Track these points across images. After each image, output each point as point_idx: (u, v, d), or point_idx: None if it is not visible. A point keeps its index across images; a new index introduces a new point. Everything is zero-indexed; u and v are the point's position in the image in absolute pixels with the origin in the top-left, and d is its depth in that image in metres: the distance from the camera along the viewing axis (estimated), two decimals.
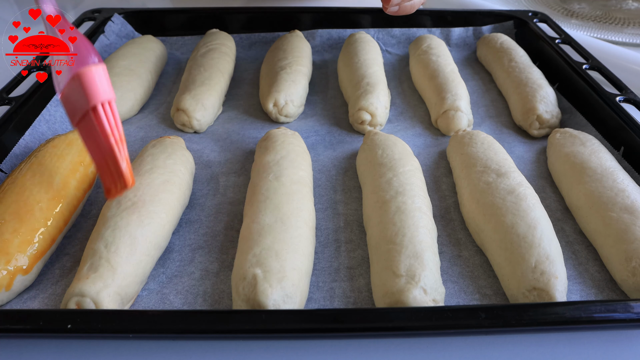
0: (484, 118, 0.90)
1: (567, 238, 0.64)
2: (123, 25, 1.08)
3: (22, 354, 0.50)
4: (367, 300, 0.56)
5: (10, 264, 0.53)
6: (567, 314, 0.47)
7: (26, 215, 0.56)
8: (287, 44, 1.00)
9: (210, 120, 0.86)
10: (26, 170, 0.61)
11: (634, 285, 0.55)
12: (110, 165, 0.49)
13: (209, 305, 0.55)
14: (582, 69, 0.89)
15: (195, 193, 0.71)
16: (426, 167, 0.77)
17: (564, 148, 0.73)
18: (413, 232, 0.56)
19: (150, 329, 0.46)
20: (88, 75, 0.47)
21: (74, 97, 0.48)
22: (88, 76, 0.47)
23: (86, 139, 0.50)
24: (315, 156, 0.79)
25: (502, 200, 0.61)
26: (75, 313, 0.47)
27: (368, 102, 0.83)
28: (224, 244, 0.63)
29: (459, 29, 1.14)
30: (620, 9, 1.33)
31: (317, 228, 0.65)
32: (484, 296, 0.57)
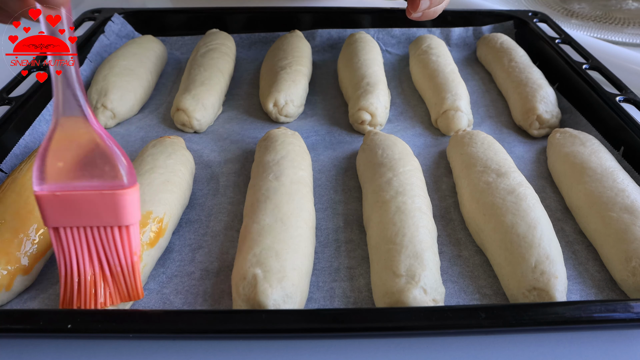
0: (484, 118, 0.90)
1: (567, 238, 0.64)
2: (123, 25, 1.08)
3: (22, 354, 0.50)
4: (367, 300, 0.56)
5: (10, 264, 0.53)
6: (567, 313, 0.47)
7: (26, 215, 0.56)
8: (287, 44, 1.00)
9: (210, 120, 0.86)
10: (26, 170, 0.61)
11: (634, 285, 0.55)
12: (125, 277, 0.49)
13: (209, 305, 0.55)
14: (582, 69, 0.89)
15: (195, 193, 0.71)
16: (426, 167, 0.77)
17: (564, 148, 0.73)
18: (413, 232, 0.56)
19: (150, 329, 0.46)
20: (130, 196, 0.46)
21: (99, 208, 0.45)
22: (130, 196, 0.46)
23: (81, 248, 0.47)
24: (315, 156, 0.79)
25: (502, 200, 0.61)
26: (75, 313, 0.47)
27: (368, 102, 0.83)
28: (224, 244, 0.63)
29: (459, 29, 1.14)
30: (620, 9, 1.33)
31: (317, 228, 0.65)
32: (484, 296, 0.57)
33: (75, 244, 0.47)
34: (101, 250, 0.47)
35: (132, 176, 0.46)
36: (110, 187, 0.45)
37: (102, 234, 0.47)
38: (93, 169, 0.46)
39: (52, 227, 0.46)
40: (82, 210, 0.45)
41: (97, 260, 0.48)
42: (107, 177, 0.45)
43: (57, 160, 0.45)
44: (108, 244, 0.47)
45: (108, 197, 0.45)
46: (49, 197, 0.45)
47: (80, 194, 0.45)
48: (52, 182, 0.45)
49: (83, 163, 0.46)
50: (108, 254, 0.48)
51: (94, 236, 0.47)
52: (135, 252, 0.48)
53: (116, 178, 0.46)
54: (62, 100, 0.46)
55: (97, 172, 0.45)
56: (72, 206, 0.45)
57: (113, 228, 0.47)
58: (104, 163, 0.45)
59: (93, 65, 0.95)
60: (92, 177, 0.45)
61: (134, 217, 0.47)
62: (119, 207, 0.46)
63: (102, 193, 0.45)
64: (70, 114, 0.45)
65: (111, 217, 0.46)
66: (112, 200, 0.45)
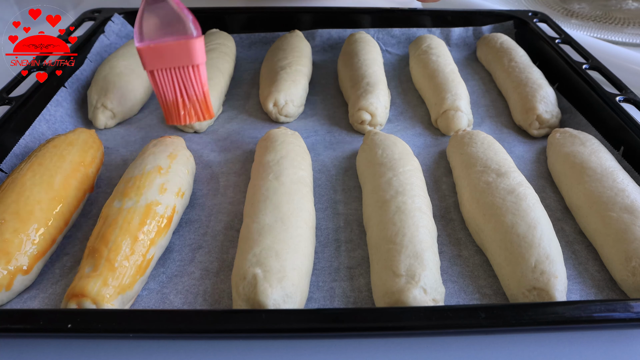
0: (484, 118, 0.90)
1: (567, 238, 0.64)
2: (123, 25, 1.08)
3: (22, 354, 0.50)
4: (367, 300, 0.56)
5: (10, 264, 0.53)
6: (567, 313, 0.47)
7: (26, 215, 0.56)
8: (287, 44, 1.00)
9: (211, 120, 0.86)
10: (26, 170, 0.61)
11: (634, 285, 0.55)
12: (200, 102, 0.68)
13: (209, 305, 0.55)
14: (582, 68, 0.89)
15: (195, 193, 0.71)
16: (426, 167, 0.77)
17: (564, 148, 0.73)
18: (413, 232, 0.56)
19: (150, 329, 0.46)
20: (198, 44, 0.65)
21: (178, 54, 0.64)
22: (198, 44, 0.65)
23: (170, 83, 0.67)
24: (315, 156, 0.79)
25: (502, 200, 0.61)
26: (75, 313, 0.47)
27: (368, 102, 0.83)
28: (224, 244, 0.63)
29: (459, 29, 1.14)
30: (620, 9, 1.33)
31: (317, 228, 0.65)
32: (483, 296, 0.57)
33: (166, 80, 0.66)
34: (182, 83, 0.66)
35: (199, 30, 0.65)
36: (185, 38, 0.64)
37: (184, 71, 0.66)
38: (172, 27, 0.65)
39: (149, 71, 0.66)
40: (168, 56, 0.64)
41: (180, 90, 0.67)
42: (182, 32, 0.65)
43: (147, 24, 0.65)
44: (188, 78, 0.66)
45: (184, 45, 0.64)
46: (146, 49, 0.64)
47: (166, 44, 0.64)
48: (146, 39, 0.64)
49: (165, 24, 0.65)
50: (187, 85, 0.67)
51: (177, 74, 0.66)
52: (205, 83, 0.68)
53: (188, 32, 0.65)
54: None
55: (175, 30, 0.65)
56: (161, 53, 0.64)
57: (189, 67, 0.65)
58: (179, 23, 0.65)
59: (93, 65, 0.95)
60: (172, 33, 0.65)
61: (201, 58, 0.66)
62: (191, 51, 0.64)
63: (180, 42, 0.64)
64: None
65: (187, 59, 0.65)
66: (187, 47, 0.64)
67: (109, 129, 0.85)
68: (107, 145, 0.80)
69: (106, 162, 0.76)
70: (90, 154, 0.69)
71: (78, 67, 0.91)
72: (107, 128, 0.85)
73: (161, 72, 0.66)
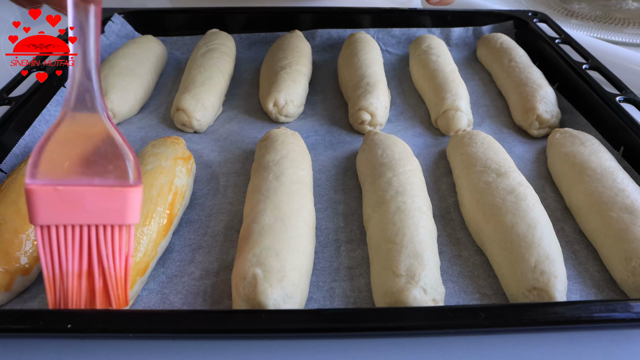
0: (484, 118, 0.90)
1: (567, 238, 0.64)
2: (123, 25, 1.08)
3: (22, 354, 0.50)
4: (367, 300, 0.56)
5: (10, 264, 0.53)
6: (567, 313, 0.47)
7: (26, 216, 0.56)
8: (287, 44, 1.00)
9: (210, 120, 0.86)
10: None
11: (634, 285, 0.55)
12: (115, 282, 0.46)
13: (209, 305, 0.55)
14: (582, 68, 0.89)
15: (195, 193, 0.71)
16: (426, 167, 0.77)
17: (564, 148, 0.73)
18: (413, 232, 0.56)
19: (150, 329, 0.46)
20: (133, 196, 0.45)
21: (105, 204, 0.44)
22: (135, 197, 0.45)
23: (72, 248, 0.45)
24: (315, 156, 0.79)
25: (502, 200, 0.61)
26: (75, 313, 0.47)
27: (368, 102, 0.83)
28: (224, 244, 0.63)
29: (459, 29, 1.14)
30: (620, 9, 1.33)
31: (317, 228, 0.65)
32: (483, 296, 0.57)
33: (65, 243, 0.44)
34: (95, 250, 0.45)
35: (139, 175, 0.45)
36: (119, 185, 0.44)
37: (101, 233, 0.44)
38: (97, 166, 0.44)
39: (41, 225, 0.43)
40: (84, 207, 0.43)
41: (88, 261, 0.45)
42: (114, 174, 0.44)
43: (58, 154, 0.43)
44: (105, 243, 0.45)
45: (117, 194, 0.44)
46: (44, 192, 0.42)
47: (84, 189, 0.43)
48: (49, 176, 0.43)
49: (89, 159, 0.44)
50: (103, 255, 0.45)
51: (89, 235, 0.44)
52: (131, 255, 0.46)
53: (124, 176, 0.44)
54: (75, 94, 0.44)
55: (102, 170, 0.44)
56: (72, 202, 0.43)
57: (114, 227, 0.45)
58: (111, 161, 0.44)
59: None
60: (96, 174, 0.44)
61: (137, 217, 0.46)
62: (126, 204, 0.44)
63: (111, 190, 0.43)
64: (82, 110, 0.44)
65: (116, 215, 0.44)
66: (121, 198, 0.44)
67: None
68: None
69: None
70: None
71: None
72: None
73: (61, 230, 0.44)
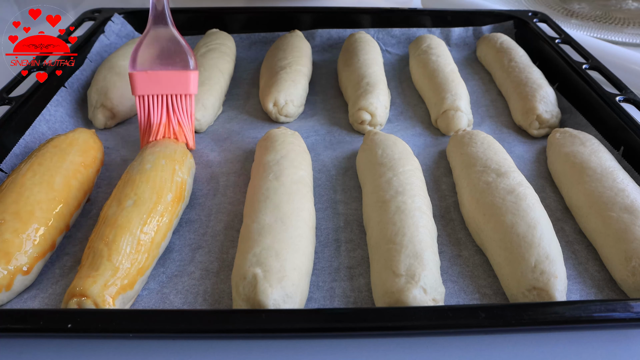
0: (484, 118, 0.90)
1: (567, 238, 0.64)
2: (123, 25, 1.08)
3: (22, 354, 0.50)
4: (367, 299, 0.56)
5: (10, 264, 0.53)
6: (567, 313, 0.47)
7: (26, 215, 0.56)
8: (287, 44, 1.00)
9: (210, 120, 0.86)
10: (26, 170, 0.61)
11: (634, 284, 0.55)
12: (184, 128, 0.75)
13: (209, 305, 0.55)
14: (582, 68, 0.89)
15: (195, 193, 0.71)
16: (426, 167, 0.77)
17: (564, 148, 0.73)
18: (413, 232, 0.56)
19: (150, 329, 0.46)
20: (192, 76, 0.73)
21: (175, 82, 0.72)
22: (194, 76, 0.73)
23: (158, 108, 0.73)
24: (315, 156, 0.79)
25: (501, 200, 0.61)
26: (75, 313, 0.47)
27: (368, 102, 0.83)
28: (224, 244, 0.63)
29: (459, 29, 1.14)
30: (620, 9, 1.34)
31: (317, 228, 0.65)
32: (483, 296, 0.57)
33: (154, 106, 0.72)
34: (171, 108, 0.73)
35: (196, 64, 0.73)
36: (184, 69, 0.72)
37: (175, 98, 0.73)
38: (170, 59, 0.72)
39: (139, 95, 0.71)
40: (163, 83, 0.71)
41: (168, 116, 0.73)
42: (180, 64, 0.72)
43: (144, 54, 0.71)
44: (179, 105, 0.73)
45: (183, 75, 0.72)
46: (140, 75, 0.70)
47: (163, 72, 0.71)
48: (142, 66, 0.71)
49: (164, 55, 0.72)
50: (178, 112, 0.73)
51: (168, 101, 0.72)
52: (193, 114, 0.75)
53: (186, 65, 0.72)
54: (153, 15, 0.72)
55: (173, 61, 0.72)
56: (156, 80, 0.71)
57: (181, 96, 0.73)
58: (178, 55, 0.72)
59: (93, 65, 0.95)
60: (170, 64, 0.72)
61: (195, 89, 0.74)
62: (188, 82, 0.72)
63: (179, 72, 0.72)
64: (159, 24, 0.72)
65: (183, 88, 0.72)
66: (185, 77, 0.72)
67: (109, 129, 0.85)
68: (107, 145, 0.80)
69: (106, 162, 0.76)
70: (90, 154, 0.69)
71: (78, 67, 0.91)
72: (107, 128, 0.85)
73: (150, 98, 0.72)
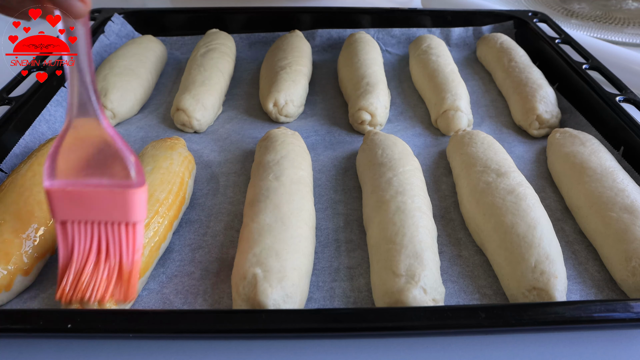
0: (484, 118, 0.90)
1: (567, 238, 0.64)
2: (123, 25, 1.08)
3: (22, 354, 0.50)
4: (367, 300, 0.56)
5: (10, 264, 0.53)
6: (567, 313, 0.47)
7: (26, 216, 0.56)
8: (287, 44, 1.00)
9: (210, 120, 0.86)
10: (26, 170, 0.61)
11: (634, 285, 0.55)
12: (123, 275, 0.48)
13: (209, 305, 0.55)
14: (582, 68, 0.89)
15: (195, 193, 0.71)
16: (426, 167, 0.77)
17: (564, 148, 0.73)
18: (413, 232, 0.56)
19: (150, 329, 0.46)
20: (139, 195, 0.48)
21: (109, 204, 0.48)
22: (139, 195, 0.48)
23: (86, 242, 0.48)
24: (315, 156, 0.79)
25: (501, 200, 0.61)
26: (75, 313, 0.47)
27: (368, 102, 0.83)
28: (224, 244, 0.63)
29: (459, 29, 1.14)
30: (620, 9, 1.33)
31: (317, 228, 0.65)
32: (483, 296, 0.57)
33: (80, 237, 0.48)
34: (104, 245, 0.48)
35: (141, 176, 0.48)
36: (121, 186, 0.47)
37: (109, 229, 0.48)
38: (104, 168, 0.48)
39: (60, 221, 0.48)
40: (92, 206, 0.47)
41: (99, 255, 0.48)
42: (118, 176, 0.47)
43: (68, 159, 0.47)
44: (114, 239, 0.48)
45: (119, 195, 0.47)
46: (59, 192, 0.47)
47: (91, 190, 0.47)
48: (62, 178, 0.47)
49: (94, 162, 0.48)
50: (111, 250, 0.48)
51: (100, 231, 0.48)
52: (139, 250, 0.49)
53: (127, 177, 0.47)
54: (77, 102, 0.47)
55: (108, 171, 0.47)
56: (82, 202, 0.47)
57: (120, 224, 0.48)
58: (115, 163, 0.47)
59: (93, 65, 0.95)
60: (103, 176, 0.47)
61: (141, 215, 0.48)
62: (128, 204, 0.47)
63: (113, 191, 0.47)
64: (83, 116, 0.47)
65: (120, 214, 0.48)
66: (123, 198, 0.47)
67: None
68: None
69: None
70: None
71: None
72: None
73: (77, 225, 0.48)
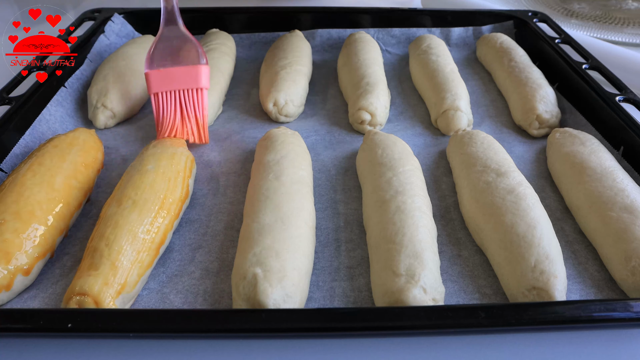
0: (484, 118, 0.90)
1: (567, 238, 0.64)
2: (123, 25, 1.08)
3: (22, 354, 0.50)
4: (367, 299, 0.56)
5: (10, 264, 0.53)
6: (567, 313, 0.47)
7: (26, 215, 0.56)
8: (287, 44, 1.00)
9: (210, 120, 0.86)
10: (26, 170, 0.61)
11: (634, 284, 0.55)
12: (198, 126, 0.78)
13: (209, 304, 0.55)
14: (581, 68, 0.89)
15: (196, 193, 0.71)
16: (426, 167, 0.77)
17: (564, 148, 0.73)
18: (413, 232, 0.56)
19: (150, 329, 0.46)
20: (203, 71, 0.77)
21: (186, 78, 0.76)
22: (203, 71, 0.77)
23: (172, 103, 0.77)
24: (315, 156, 0.79)
25: (501, 199, 0.61)
26: (75, 313, 0.47)
27: (368, 102, 0.83)
28: (224, 244, 0.63)
29: (459, 28, 1.14)
30: (620, 9, 1.34)
31: (317, 228, 0.65)
32: (483, 295, 0.57)
33: (167, 101, 0.76)
34: (184, 105, 0.77)
35: (206, 59, 0.78)
36: (194, 64, 0.77)
37: (187, 93, 0.77)
38: (182, 55, 0.77)
39: (154, 93, 0.76)
40: (175, 79, 0.76)
41: (181, 111, 0.77)
42: (192, 59, 0.77)
43: (159, 53, 0.76)
44: (190, 100, 0.77)
45: (193, 70, 0.76)
46: (154, 74, 0.75)
47: (175, 69, 0.76)
48: (156, 64, 0.76)
49: (176, 52, 0.77)
50: (189, 107, 0.77)
51: (180, 96, 0.77)
52: (206, 108, 0.78)
53: (197, 60, 0.77)
54: (165, 16, 0.77)
55: (185, 57, 0.77)
56: (168, 77, 0.76)
57: (193, 90, 0.77)
58: (190, 52, 0.77)
59: (93, 65, 0.95)
60: (182, 60, 0.77)
61: (207, 83, 0.78)
62: (199, 76, 0.76)
63: (189, 68, 0.76)
64: (170, 24, 0.77)
65: (193, 82, 0.76)
66: (195, 72, 0.76)
67: (109, 129, 0.85)
68: (107, 145, 0.80)
69: (106, 162, 0.76)
70: (91, 154, 0.69)
71: (78, 67, 0.91)
72: (107, 128, 0.85)
73: (165, 94, 0.76)
